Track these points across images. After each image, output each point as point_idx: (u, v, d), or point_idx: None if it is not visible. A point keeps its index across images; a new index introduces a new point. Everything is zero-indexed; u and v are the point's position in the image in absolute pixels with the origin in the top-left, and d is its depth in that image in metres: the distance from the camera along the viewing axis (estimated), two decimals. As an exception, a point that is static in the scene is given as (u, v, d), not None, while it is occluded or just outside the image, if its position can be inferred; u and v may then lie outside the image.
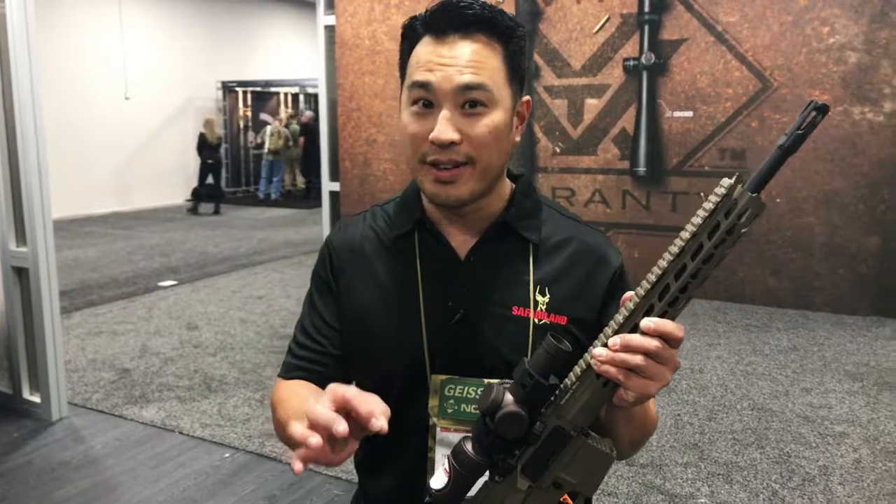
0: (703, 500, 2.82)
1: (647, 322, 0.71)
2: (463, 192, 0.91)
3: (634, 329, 0.73)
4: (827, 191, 5.32)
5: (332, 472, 3.04)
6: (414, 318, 0.96)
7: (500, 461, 0.79)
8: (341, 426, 0.67)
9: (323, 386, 1.03)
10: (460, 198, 0.92)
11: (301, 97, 14.47)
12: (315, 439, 0.67)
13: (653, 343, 0.70)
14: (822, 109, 0.65)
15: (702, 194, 5.70)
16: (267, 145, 12.38)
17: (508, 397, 0.76)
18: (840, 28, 5.12)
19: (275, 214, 11.22)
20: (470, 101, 0.88)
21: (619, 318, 0.74)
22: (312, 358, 1.04)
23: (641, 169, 5.87)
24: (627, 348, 0.71)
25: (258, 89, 13.92)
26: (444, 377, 0.95)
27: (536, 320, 0.94)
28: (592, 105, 5.97)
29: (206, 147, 11.07)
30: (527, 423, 0.76)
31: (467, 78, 0.88)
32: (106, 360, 4.41)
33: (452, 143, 0.88)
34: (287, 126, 12.82)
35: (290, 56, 14.83)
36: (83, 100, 11.05)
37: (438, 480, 0.80)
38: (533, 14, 6.10)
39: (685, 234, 0.70)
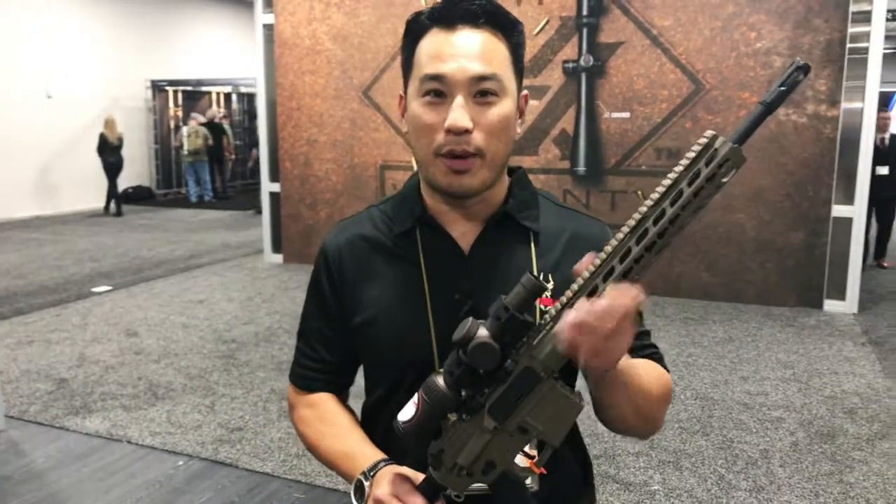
0: (655, 487, 2.93)
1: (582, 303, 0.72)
2: (476, 182, 0.93)
3: (611, 272, 0.73)
4: (756, 188, 5.58)
5: (292, 476, 3.00)
6: (421, 314, 0.98)
7: (469, 398, 0.80)
8: None
9: (341, 391, 1.10)
10: (474, 188, 0.94)
11: (234, 96, 14.16)
12: None
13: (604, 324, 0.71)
14: (805, 69, 0.68)
15: (639, 193, 5.89)
16: (185, 146, 12.05)
17: (483, 331, 0.77)
18: (766, 34, 5.37)
19: (209, 217, 10.94)
20: (482, 90, 0.90)
21: (597, 260, 0.75)
22: (324, 368, 1.08)
23: (581, 168, 6.02)
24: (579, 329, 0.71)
25: (189, 88, 13.54)
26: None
27: (542, 307, 0.95)
28: (533, 106, 6.08)
29: (106, 148, 10.68)
30: (498, 356, 0.77)
31: (480, 68, 0.90)
32: (41, 371, 4.22)
33: (466, 131, 0.90)
34: (209, 126, 12.45)
35: (224, 54, 14.50)
36: (0, 98, 10.51)
37: (406, 413, 0.81)
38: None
39: (665, 182, 0.71)
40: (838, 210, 5.44)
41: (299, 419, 1.09)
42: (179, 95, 13.50)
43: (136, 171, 12.83)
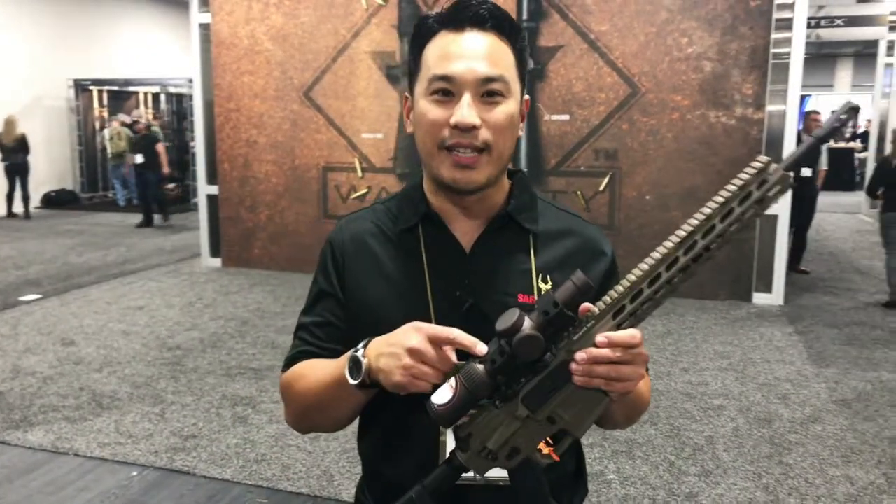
0: (611, 476, 3.04)
1: (600, 338, 0.79)
2: (481, 177, 0.96)
3: (656, 279, 0.78)
4: (688, 187, 5.82)
5: (253, 481, 2.97)
6: (423, 310, 1.00)
7: (505, 387, 0.84)
8: (480, 347, 0.84)
9: None
10: (479, 183, 0.96)
11: (163, 97, 13.72)
12: (482, 347, 0.83)
13: (614, 353, 0.79)
14: (856, 110, 0.75)
15: (579, 192, 6.06)
16: (109, 149, 11.63)
17: (528, 322, 0.80)
18: (697, 39, 5.62)
19: (139, 220, 10.59)
20: (489, 91, 0.93)
21: (644, 265, 0.79)
22: (320, 355, 1.06)
23: (523, 169, 6.13)
24: (594, 361, 0.80)
25: (115, 88, 13.06)
26: (461, 364, 1.00)
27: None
28: (476, 108, 6.16)
29: (1, 149, 10.22)
30: (542, 349, 0.80)
31: (488, 69, 0.93)
32: (-27, 384, 4.02)
33: (474, 128, 0.92)
34: (132, 127, 12.00)
35: (154, 54, 14.04)
36: None
37: (442, 396, 0.83)
38: (415, 18, 6.19)
39: (718, 199, 0.76)
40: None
41: (287, 386, 1.06)
42: (104, 95, 13.00)
43: (59, 173, 12.29)
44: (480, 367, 0.83)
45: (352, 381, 0.90)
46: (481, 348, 0.84)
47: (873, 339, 4.92)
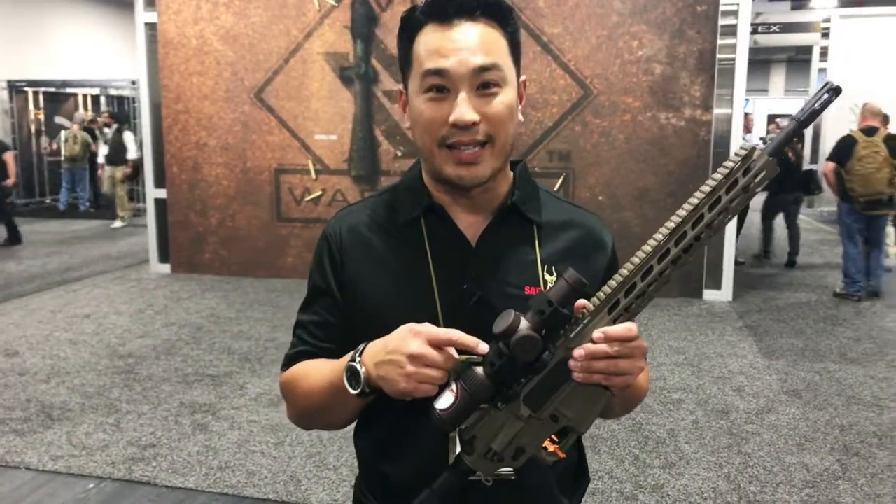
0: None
1: (597, 333, 0.80)
2: (485, 171, 0.94)
3: (648, 272, 0.79)
4: (640, 187, 5.95)
5: (218, 489, 2.90)
6: (429, 304, 0.98)
7: (505, 388, 0.84)
8: (482, 346, 0.84)
9: None
10: (484, 177, 0.95)
11: (102, 99, 13.29)
12: (483, 346, 0.84)
13: (611, 348, 0.80)
14: (837, 90, 0.75)
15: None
16: (63, 152, 11.22)
17: (524, 322, 0.80)
18: (647, 43, 5.75)
19: (82, 227, 10.23)
20: (484, 82, 0.91)
21: (636, 259, 0.79)
22: (319, 355, 1.05)
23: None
24: (592, 357, 0.80)
25: (52, 90, 12.58)
26: (463, 358, 0.97)
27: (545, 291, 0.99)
28: (431, 109, 6.16)
29: None
30: (540, 348, 0.81)
31: (481, 60, 0.90)
32: (-90, 399, 3.81)
33: (473, 124, 0.90)
34: (87, 130, 11.67)
35: (94, 54, 13.58)
36: None
37: (444, 401, 0.83)
38: (369, 19, 6.17)
39: (705, 188, 0.76)
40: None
41: (287, 387, 1.05)
42: (41, 97, 12.52)
43: (-8, 178, 11.77)
44: (480, 370, 0.83)
45: (352, 392, 0.89)
46: (483, 347, 0.83)
47: (817, 331, 5.11)
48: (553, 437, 0.88)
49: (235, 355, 4.51)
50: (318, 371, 1.00)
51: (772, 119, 16.88)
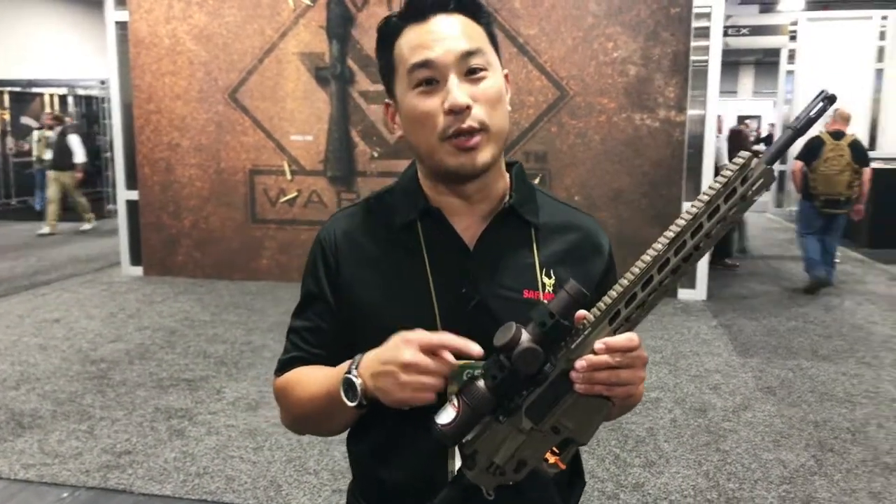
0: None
1: (598, 345, 0.80)
2: (486, 157, 0.93)
3: (649, 281, 0.79)
4: (615, 188, 5.99)
5: (196, 496, 2.85)
6: (426, 307, 0.97)
7: (507, 401, 0.83)
8: (474, 347, 0.83)
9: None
10: (485, 163, 0.93)
11: (70, 99, 13.04)
12: (476, 348, 0.83)
13: (613, 359, 0.80)
14: (831, 99, 0.75)
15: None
16: (35, 153, 10.98)
17: (525, 335, 0.80)
18: (622, 44, 5.80)
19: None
20: (471, 67, 0.91)
21: (636, 269, 0.79)
22: (312, 361, 1.04)
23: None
24: (594, 368, 0.80)
25: (18, 90, 12.31)
26: (462, 362, 0.93)
27: (546, 302, 0.97)
28: (407, 110, 6.15)
29: None
30: (542, 360, 0.80)
31: (465, 45, 0.91)
32: None
33: (468, 108, 0.90)
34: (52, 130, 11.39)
35: (61, 53, 13.30)
36: None
37: (446, 416, 0.82)
38: (345, 19, 6.14)
39: (704, 197, 0.76)
40: (688, 207, 5.95)
41: (282, 393, 1.04)
42: (6, 97, 12.24)
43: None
44: (482, 383, 0.82)
45: (349, 404, 0.88)
46: (474, 348, 0.83)
47: (790, 329, 5.20)
48: (554, 448, 0.87)
49: (211, 359, 4.45)
50: (314, 379, 0.98)
51: (741, 120, 17.16)
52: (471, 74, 0.92)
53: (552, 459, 0.88)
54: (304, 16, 6.19)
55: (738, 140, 7.97)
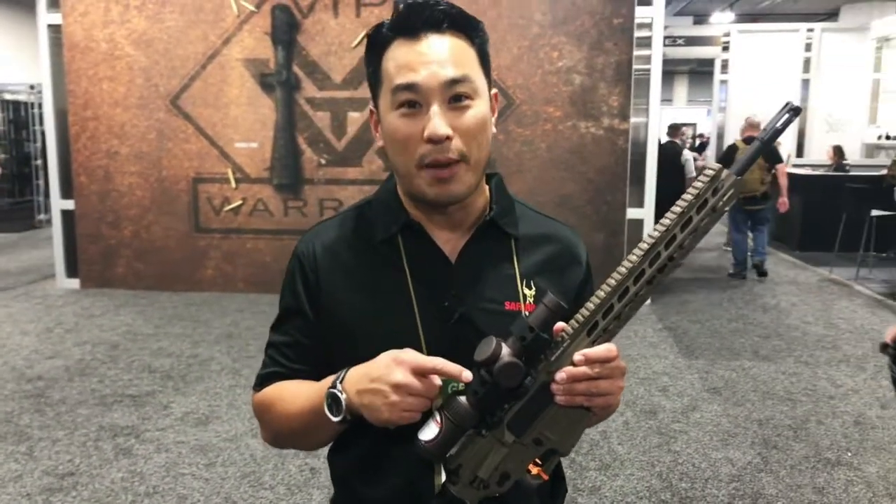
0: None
1: (577, 356, 0.82)
2: (461, 188, 0.93)
3: (625, 293, 0.81)
4: (562, 195, 6.08)
5: (147, 516, 2.76)
6: (409, 322, 0.96)
7: (489, 415, 0.84)
8: (466, 374, 0.83)
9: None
10: (460, 194, 0.94)
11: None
12: (467, 374, 0.83)
13: (592, 370, 0.82)
14: (796, 111, 0.78)
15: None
16: None
17: (506, 349, 0.81)
18: (567, 54, 5.90)
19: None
20: (456, 95, 0.90)
21: (612, 281, 0.81)
22: (292, 376, 1.03)
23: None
24: (573, 379, 0.82)
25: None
26: (443, 381, 0.94)
27: (527, 313, 0.98)
28: (355, 118, 6.11)
29: None
30: (523, 374, 0.81)
31: (452, 72, 0.89)
32: None
33: (447, 138, 0.89)
34: None
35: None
36: None
37: (429, 432, 0.83)
38: (290, 25, 6.06)
39: (676, 209, 0.79)
40: (632, 213, 6.11)
41: (263, 408, 1.03)
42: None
43: None
44: (463, 399, 0.83)
45: (333, 419, 0.88)
46: (467, 375, 0.83)
47: (731, 330, 5.37)
48: (536, 459, 0.88)
49: (157, 373, 4.31)
50: (295, 394, 0.98)
51: (677, 128, 17.70)
52: (455, 102, 0.91)
53: (535, 471, 0.90)
54: (249, 21, 6.09)
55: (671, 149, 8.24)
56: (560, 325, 0.84)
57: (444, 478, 0.89)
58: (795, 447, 3.39)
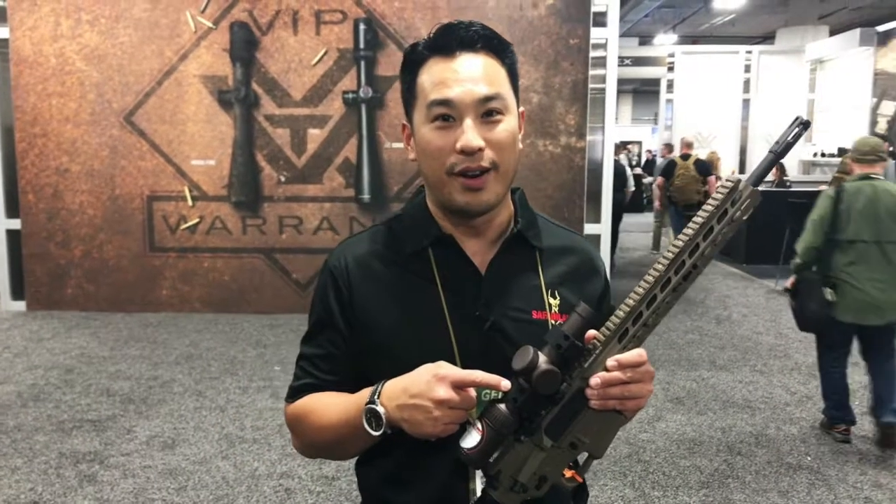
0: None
1: (611, 362, 0.86)
2: (491, 197, 0.98)
3: (653, 300, 0.85)
4: (522, 211, 6.17)
5: (119, 544, 2.67)
6: (442, 332, 0.99)
7: (527, 421, 0.87)
8: (504, 383, 0.86)
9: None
10: (489, 203, 0.98)
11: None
12: (506, 383, 0.86)
13: (625, 374, 0.86)
14: (806, 125, 0.84)
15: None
16: None
17: (542, 357, 0.85)
18: (524, 73, 6.02)
19: None
20: (488, 110, 0.95)
21: (640, 289, 0.85)
22: (324, 387, 1.05)
23: (366, 196, 6.15)
24: (608, 384, 0.86)
25: None
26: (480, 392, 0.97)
27: (553, 322, 1.03)
28: (315, 135, 6.10)
29: None
30: (560, 381, 0.85)
31: (485, 90, 0.95)
32: None
33: (480, 150, 0.94)
34: None
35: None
36: None
37: (471, 440, 0.86)
38: (249, 43, 6.02)
39: (698, 220, 0.83)
40: (589, 228, 6.24)
41: (297, 420, 1.06)
42: None
43: None
44: (503, 406, 0.86)
45: (373, 434, 0.90)
46: (505, 384, 0.86)
47: (688, 342, 5.52)
48: (570, 462, 0.92)
49: (116, 397, 4.18)
50: (331, 407, 1.00)
51: (624, 145, 18.18)
52: (487, 117, 0.95)
53: (569, 474, 0.93)
54: (206, 38, 6.02)
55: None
56: (591, 332, 0.87)
57: (479, 483, 0.92)
58: (758, 453, 3.51)
